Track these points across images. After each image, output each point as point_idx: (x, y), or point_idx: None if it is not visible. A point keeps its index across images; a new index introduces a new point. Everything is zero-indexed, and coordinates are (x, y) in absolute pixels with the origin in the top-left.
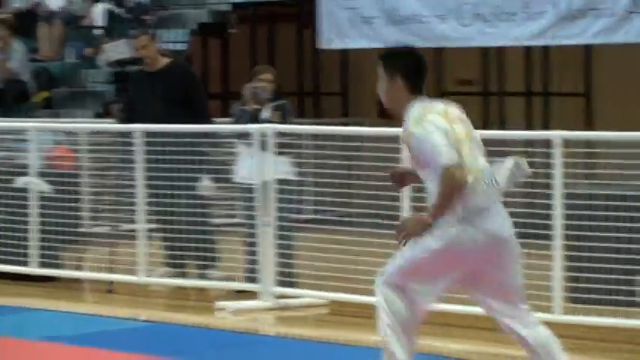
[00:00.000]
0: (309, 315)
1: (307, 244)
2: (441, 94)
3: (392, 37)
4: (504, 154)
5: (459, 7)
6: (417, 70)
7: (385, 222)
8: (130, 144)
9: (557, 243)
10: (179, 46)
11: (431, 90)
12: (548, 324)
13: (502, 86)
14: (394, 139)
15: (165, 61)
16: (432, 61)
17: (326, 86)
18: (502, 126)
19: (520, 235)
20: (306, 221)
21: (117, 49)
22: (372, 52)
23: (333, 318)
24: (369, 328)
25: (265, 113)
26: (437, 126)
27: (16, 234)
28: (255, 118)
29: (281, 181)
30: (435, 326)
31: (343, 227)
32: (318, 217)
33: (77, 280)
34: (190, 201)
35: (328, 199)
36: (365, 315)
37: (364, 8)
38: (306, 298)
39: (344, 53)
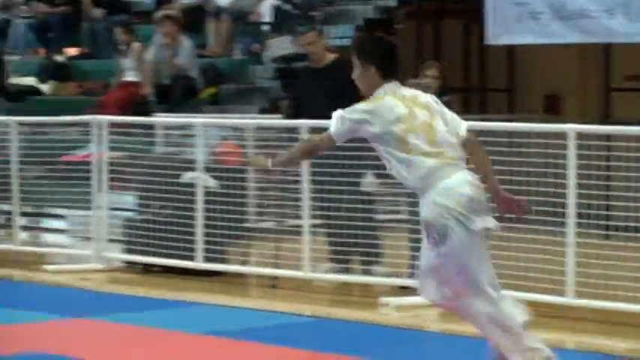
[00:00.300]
0: None
1: None
2: (608, 89)
3: (559, 32)
4: None
5: (627, 2)
6: (389, 56)
7: (551, 219)
8: (296, 139)
9: None
10: (345, 42)
11: (597, 86)
12: None
13: None
14: (561, 135)
15: (331, 57)
16: (599, 57)
17: (492, 82)
18: None
19: None
20: None
21: (281, 45)
22: (540, 48)
23: None
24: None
25: None
26: (384, 108)
27: (182, 229)
28: None
29: None
30: (604, 325)
31: (509, 224)
32: None
33: (242, 275)
34: (355, 197)
35: None
36: None
37: (532, 3)
38: None
39: (511, 49)
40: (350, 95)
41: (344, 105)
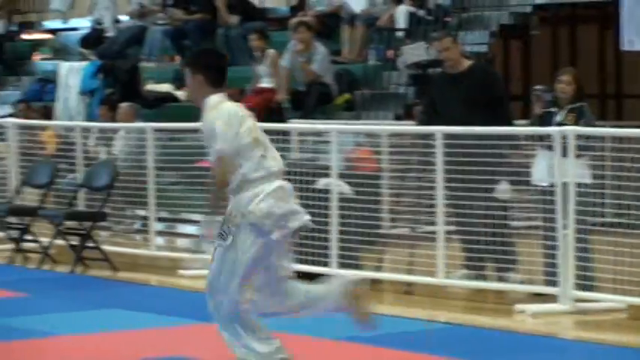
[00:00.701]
0: (608, 319)
1: (608, 248)
2: None
3: None
4: None
5: None
6: (217, 66)
7: None
8: (431, 146)
9: None
10: (480, 48)
11: None
12: None
13: None
14: None
15: (467, 63)
16: None
17: (628, 88)
18: None
19: None
20: (608, 225)
21: (414, 52)
22: None
23: (632, 323)
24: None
25: (559, 116)
26: (230, 113)
27: (317, 234)
28: (543, 121)
29: (580, 184)
30: None
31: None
32: (620, 220)
33: (376, 281)
34: (489, 203)
35: (630, 202)
36: None
37: None
38: (605, 302)
39: None
40: (486, 102)
41: (479, 111)
